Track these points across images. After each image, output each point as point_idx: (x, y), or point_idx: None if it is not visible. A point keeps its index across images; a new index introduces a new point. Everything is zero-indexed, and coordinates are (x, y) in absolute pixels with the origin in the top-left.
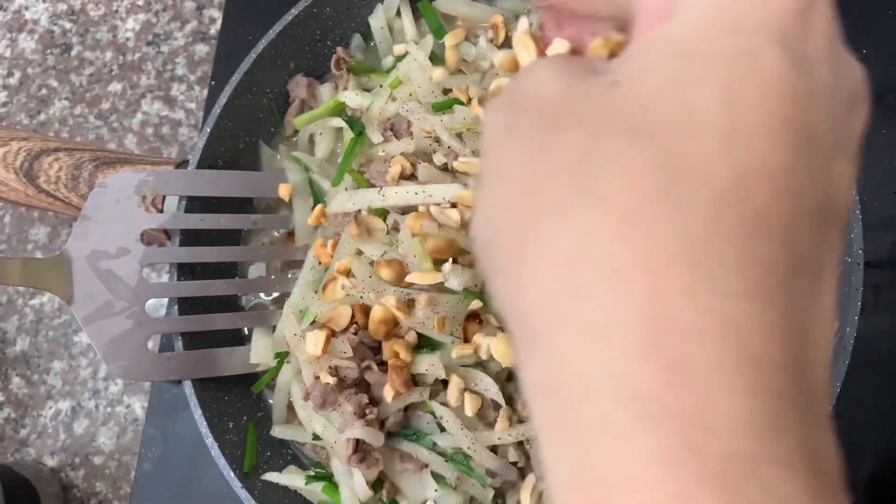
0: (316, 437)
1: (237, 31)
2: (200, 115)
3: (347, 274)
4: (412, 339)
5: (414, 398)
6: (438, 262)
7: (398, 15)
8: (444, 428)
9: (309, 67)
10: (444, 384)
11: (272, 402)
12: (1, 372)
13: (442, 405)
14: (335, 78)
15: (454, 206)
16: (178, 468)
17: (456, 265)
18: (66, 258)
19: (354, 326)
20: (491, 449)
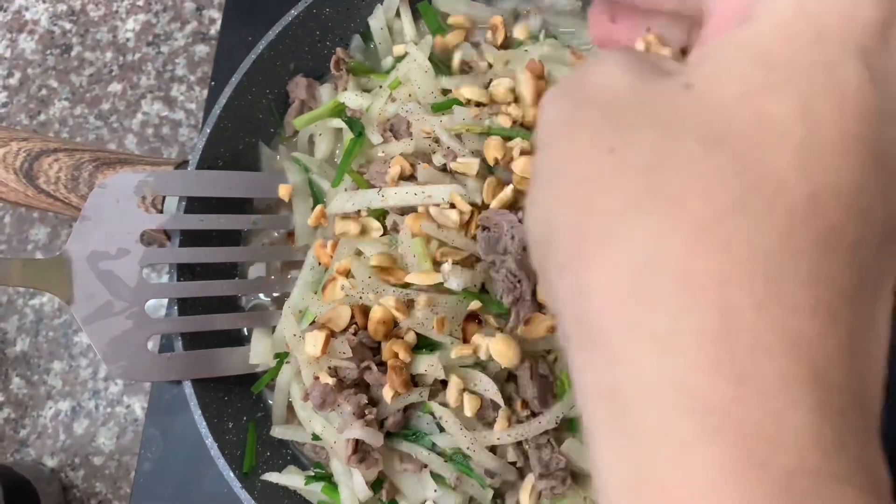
0: (315, 437)
1: (237, 31)
2: (200, 115)
3: (347, 274)
4: (411, 339)
5: (413, 398)
6: (437, 262)
7: (398, 16)
8: (443, 428)
9: (308, 68)
10: (443, 384)
11: (272, 402)
12: (1, 372)
13: (441, 405)
14: (335, 79)
15: (453, 206)
16: (177, 468)
17: (455, 266)
18: (65, 259)
19: (354, 327)
20: (490, 449)
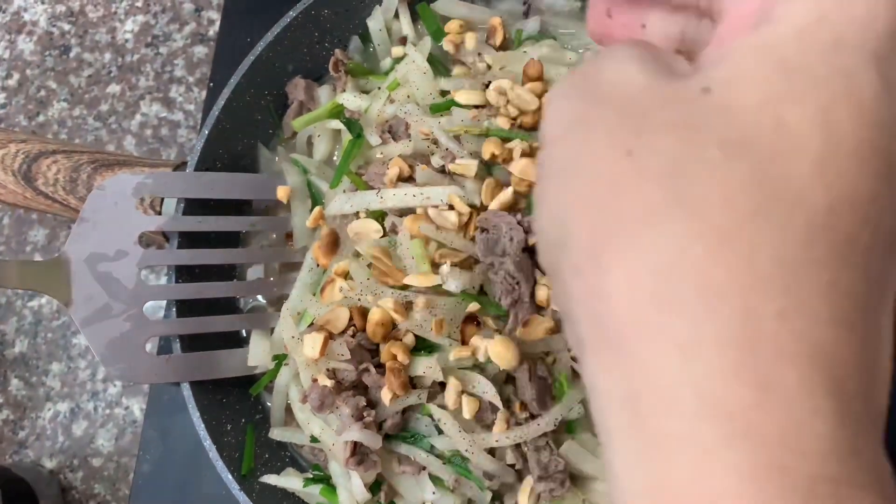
0: (314, 439)
1: (236, 32)
2: (199, 116)
3: (345, 276)
4: (410, 341)
5: (412, 400)
6: (436, 264)
7: (396, 17)
8: (441, 430)
9: (307, 69)
10: (441, 386)
11: (270, 404)
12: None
13: (440, 407)
14: (333, 80)
15: (452, 208)
16: (176, 470)
17: (454, 267)
18: (64, 261)
19: (352, 329)
20: (489, 451)
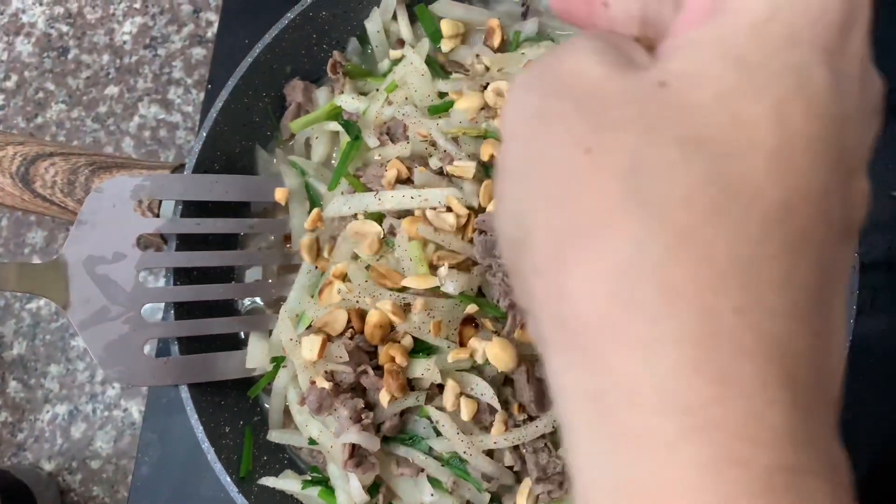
0: (312, 441)
1: (234, 34)
2: (197, 118)
3: (343, 278)
4: (408, 343)
5: (410, 402)
6: (434, 266)
7: (394, 19)
8: (440, 432)
9: (305, 71)
10: (439, 388)
11: (268, 406)
12: None
13: (438, 409)
14: (331, 82)
15: (450, 209)
16: (175, 472)
17: (452, 269)
18: (62, 263)
19: (350, 331)
20: (487, 453)
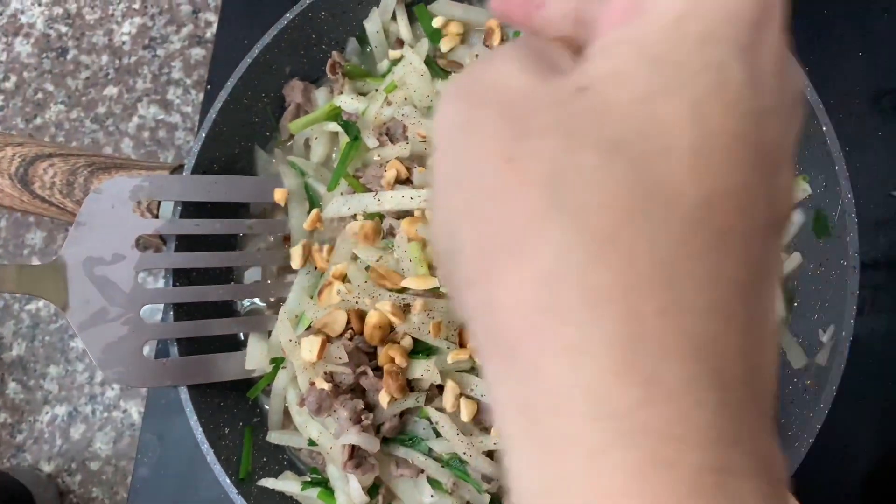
0: (312, 442)
1: (233, 34)
2: (196, 118)
3: (343, 279)
4: (408, 344)
5: (409, 403)
6: (433, 266)
7: (394, 19)
8: (439, 433)
9: (304, 71)
10: (439, 389)
11: (268, 407)
12: None
13: (437, 410)
14: (330, 82)
15: None
16: (174, 473)
17: None
18: (61, 264)
19: (350, 332)
20: (487, 454)
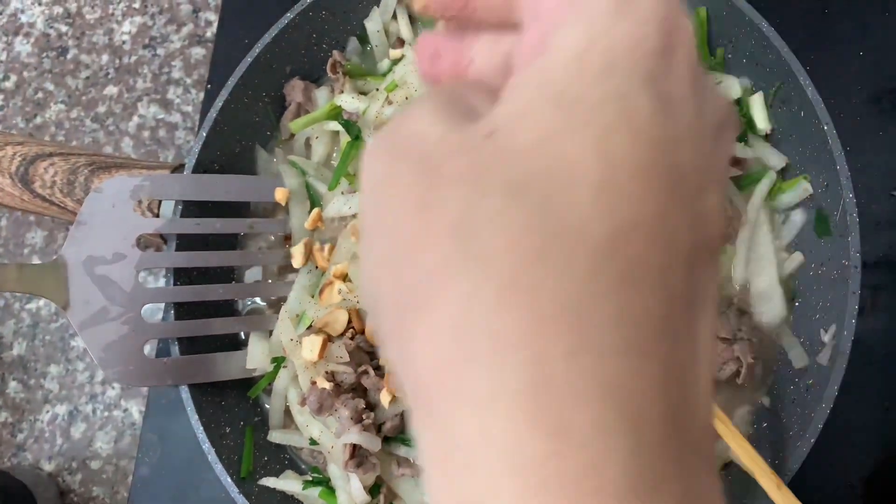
0: (313, 441)
1: (233, 34)
2: (197, 118)
3: (344, 278)
4: None
5: None
6: None
7: (394, 18)
8: None
9: (305, 71)
10: None
11: (269, 406)
12: None
13: None
14: (331, 81)
15: None
16: (175, 472)
17: None
18: (61, 264)
19: (351, 331)
20: None
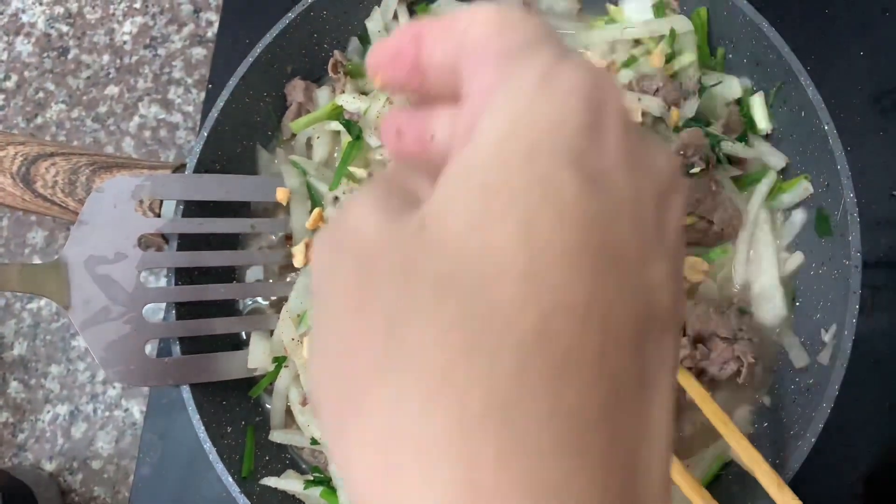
0: (314, 441)
1: (234, 34)
2: (198, 118)
3: None
4: None
5: None
6: None
7: (395, 18)
8: None
9: (306, 71)
10: None
11: (270, 406)
12: None
13: None
14: (332, 81)
15: None
16: (176, 472)
17: None
18: (63, 263)
19: None
20: None
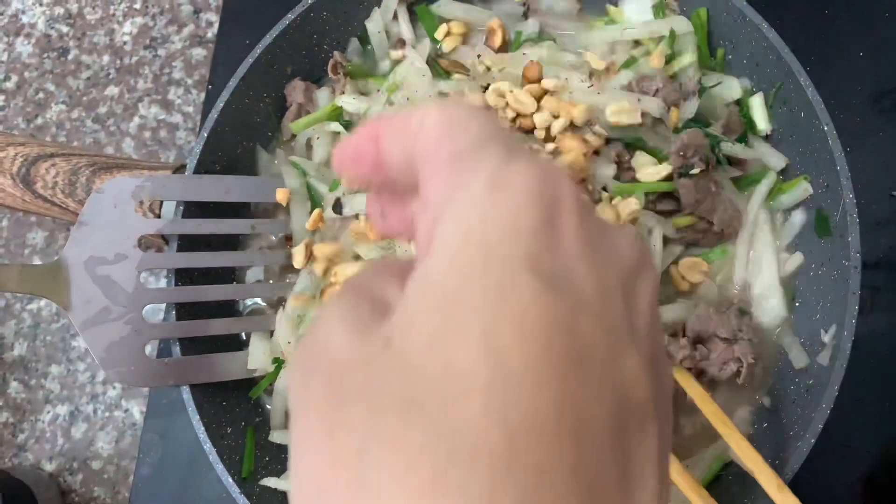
0: None
1: (234, 34)
2: (198, 118)
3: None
4: None
5: None
6: None
7: (395, 19)
8: None
9: (306, 71)
10: None
11: (270, 407)
12: None
13: None
14: (332, 82)
15: None
16: (176, 473)
17: None
18: (63, 264)
19: None
20: None
